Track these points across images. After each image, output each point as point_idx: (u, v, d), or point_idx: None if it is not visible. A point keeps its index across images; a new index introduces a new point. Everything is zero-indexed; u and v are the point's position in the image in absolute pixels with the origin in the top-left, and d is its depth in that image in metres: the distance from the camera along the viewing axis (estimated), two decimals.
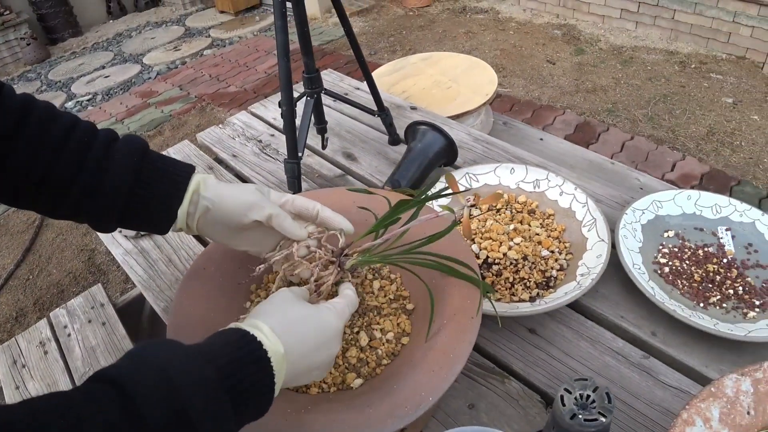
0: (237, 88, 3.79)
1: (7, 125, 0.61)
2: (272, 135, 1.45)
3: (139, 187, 0.66)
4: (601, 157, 1.67)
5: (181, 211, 0.69)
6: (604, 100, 3.10)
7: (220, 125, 1.53)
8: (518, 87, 3.34)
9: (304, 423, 0.56)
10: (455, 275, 0.68)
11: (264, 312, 0.56)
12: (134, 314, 1.63)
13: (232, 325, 0.54)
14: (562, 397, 0.55)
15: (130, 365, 0.45)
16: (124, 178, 0.65)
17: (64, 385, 1.25)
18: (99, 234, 1.29)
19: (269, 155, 1.37)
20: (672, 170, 2.50)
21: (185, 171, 0.69)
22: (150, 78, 4.30)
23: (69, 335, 1.40)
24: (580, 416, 0.53)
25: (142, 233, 1.21)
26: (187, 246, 1.15)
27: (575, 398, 0.55)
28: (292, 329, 0.54)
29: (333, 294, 0.66)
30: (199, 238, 1.16)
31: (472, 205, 0.65)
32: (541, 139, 1.76)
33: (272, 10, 1.02)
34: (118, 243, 1.21)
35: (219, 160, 1.42)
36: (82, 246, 2.69)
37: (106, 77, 4.42)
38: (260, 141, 1.43)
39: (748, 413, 0.55)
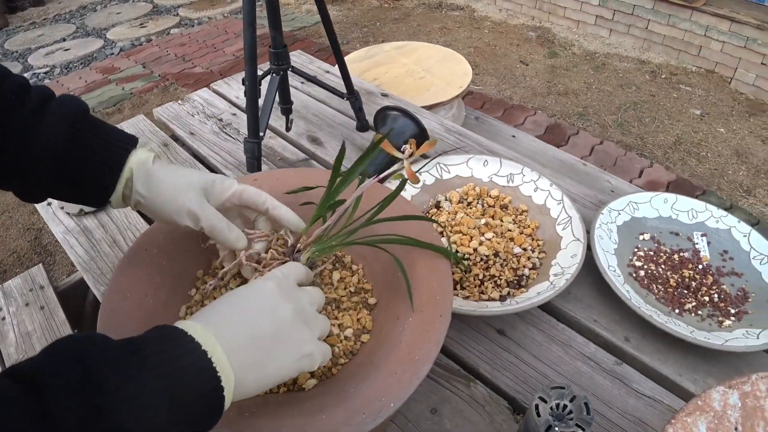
0: (203, 69, 3.66)
1: None
2: (234, 114, 1.37)
3: (70, 157, 0.59)
4: (573, 158, 1.64)
5: (116, 197, 0.62)
6: (576, 104, 3.10)
7: (179, 101, 1.43)
8: (490, 85, 3.31)
9: (248, 428, 0.49)
10: (421, 246, 0.63)
11: (204, 311, 0.49)
12: (77, 299, 1.53)
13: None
14: (537, 406, 0.49)
15: (44, 357, 0.38)
16: (53, 143, 0.57)
17: None
18: (39, 211, 1.19)
19: (229, 134, 1.29)
20: (639, 176, 2.50)
21: (124, 145, 0.62)
22: (113, 54, 4.12)
23: (3, 319, 1.29)
24: (557, 429, 0.48)
25: (86, 210, 1.12)
26: (134, 226, 1.07)
27: (551, 408, 0.49)
28: (218, 309, 0.48)
29: None
30: (147, 217, 1.07)
31: (411, 155, 0.60)
32: (514, 137, 1.72)
33: None
34: (59, 220, 1.12)
35: (175, 138, 1.33)
36: (28, 225, 2.55)
37: (66, 50, 4.22)
38: (221, 120, 1.34)
39: (736, 429, 0.51)
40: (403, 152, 0.63)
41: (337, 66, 1.18)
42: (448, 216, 0.92)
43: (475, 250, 0.85)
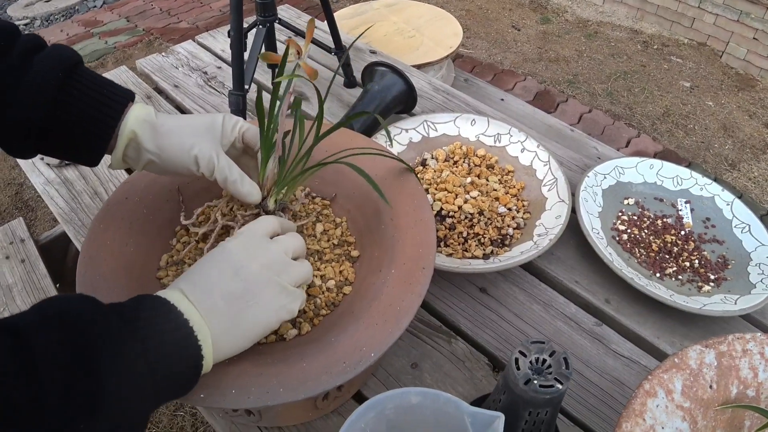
0: (188, 25, 3.57)
1: None
2: (219, 67, 1.33)
3: (62, 109, 0.56)
4: (561, 123, 1.63)
5: (116, 157, 0.60)
6: (566, 71, 3.07)
7: (163, 54, 1.40)
8: (481, 49, 3.27)
9: (227, 375, 0.49)
10: (385, 156, 0.62)
11: (185, 276, 0.51)
12: (58, 252, 1.51)
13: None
14: (516, 360, 0.49)
15: (35, 316, 0.38)
16: (42, 95, 0.54)
17: None
18: (20, 162, 1.16)
19: (214, 88, 1.26)
20: (627, 146, 2.50)
21: (120, 99, 0.59)
22: (95, 6, 3.99)
23: None
24: (535, 382, 0.48)
25: (66, 162, 1.09)
26: (115, 178, 1.05)
27: (530, 362, 0.50)
28: (193, 276, 0.49)
29: None
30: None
31: (298, 53, 0.59)
32: (502, 100, 1.70)
33: None
34: (39, 171, 1.10)
35: (159, 90, 1.30)
36: (9, 179, 2.50)
37: (47, 2, 4.08)
38: (205, 73, 1.31)
39: (711, 387, 0.52)
40: (298, 56, 0.61)
41: (326, 22, 1.15)
42: (433, 174, 0.91)
43: (459, 207, 0.85)
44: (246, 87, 1.00)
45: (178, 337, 0.43)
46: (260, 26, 1.06)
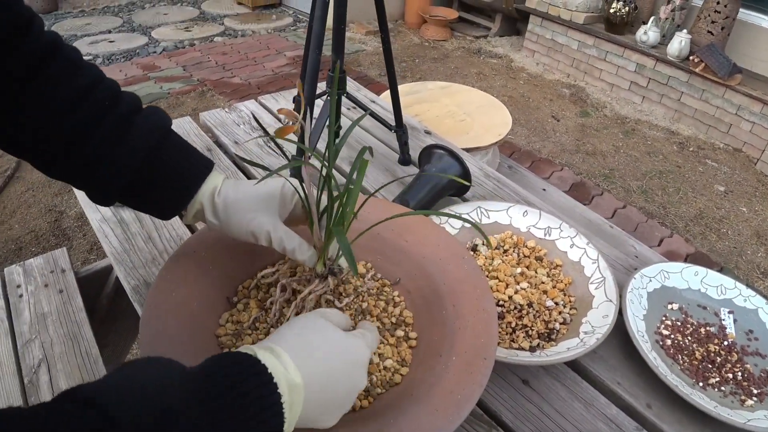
0: (241, 81, 3.72)
1: (27, 67, 0.54)
2: None
3: (148, 173, 0.61)
4: (601, 219, 1.65)
5: (187, 219, 0.66)
6: (602, 165, 3.12)
7: (226, 109, 1.46)
8: (521, 136, 3.35)
9: None
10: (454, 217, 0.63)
11: (283, 336, 0.48)
12: (95, 288, 1.54)
13: (243, 348, 0.46)
14: None
15: (113, 385, 0.37)
16: (138, 156, 0.59)
17: (3, 348, 1.14)
18: (77, 195, 1.21)
19: (272, 149, 1.31)
20: (659, 245, 2.50)
21: (201, 167, 0.65)
22: (155, 52, 4.21)
23: (21, 296, 1.29)
24: None
25: None
26: (170, 224, 1.08)
27: None
28: (313, 356, 0.47)
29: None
30: None
31: (288, 121, 0.62)
32: (544, 190, 1.74)
33: (291, 13, 0.97)
34: (95, 207, 1.13)
35: (219, 144, 1.35)
36: (51, 206, 2.57)
37: (110, 42, 4.31)
38: (266, 133, 1.37)
39: None
40: (287, 123, 0.64)
41: (381, 96, 1.21)
42: (485, 260, 0.93)
43: (510, 297, 0.86)
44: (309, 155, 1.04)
45: (267, 412, 0.41)
46: (329, 97, 1.12)
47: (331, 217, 0.63)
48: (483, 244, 0.98)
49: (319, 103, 1.41)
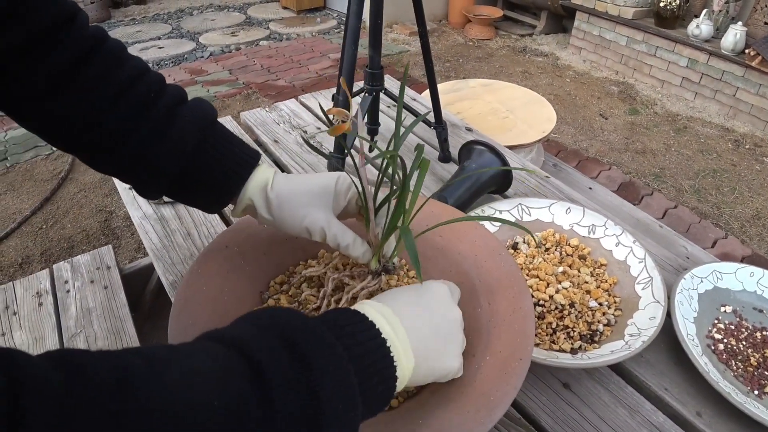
0: (286, 83, 3.76)
1: (70, 60, 0.54)
2: (318, 128, 1.39)
3: (194, 165, 0.60)
4: (650, 218, 1.58)
5: (236, 213, 0.65)
6: (653, 164, 3.01)
7: (267, 108, 1.47)
8: (567, 135, 3.27)
9: None
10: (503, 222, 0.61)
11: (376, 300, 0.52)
12: (138, 284, 1.57)
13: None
14: None
15: (249, 327, 0.41)
16: (183, 149, 0.59)
17: (51, 342, 1.18)
18: (120, 193, 1.23)
19: (312, 148, 1.31)
20: (712, 247, 2.40)
21: (249, 159, 0.63)
22: (202, 57, 4.30)
23: (68, 291, 1.33)
24: None
25: (165, 200, 1.15)
26: (209, 222, 1.09)
27: None
28: (400, 300, 0.52)
29: None
30: (223, 215, 1.09)
31: (337, 119, 0.60)
32: (590, 188, 1.68)
33: (335, 16, 0.96)
34: (137, 205, 1.15)
35: (259, 143, 1.36)
36: (101, 206, 2.65)
37: (159, 48, 4.43)
38: (305, 132, 1.37)
39: None
40: (338, 121, 0.62)
41: (423, 95, 1.19)
42: (525, 259, 0.90)
43: (551, 297, 0.83)
44: (346, 151, 1.03)
45: (381, 356, 0.45)
46: (367, 94, 1.11)
47: (388, 215, 0.62)
48: (524, 242, 0.94)
49: (358, 100, 1.40)
